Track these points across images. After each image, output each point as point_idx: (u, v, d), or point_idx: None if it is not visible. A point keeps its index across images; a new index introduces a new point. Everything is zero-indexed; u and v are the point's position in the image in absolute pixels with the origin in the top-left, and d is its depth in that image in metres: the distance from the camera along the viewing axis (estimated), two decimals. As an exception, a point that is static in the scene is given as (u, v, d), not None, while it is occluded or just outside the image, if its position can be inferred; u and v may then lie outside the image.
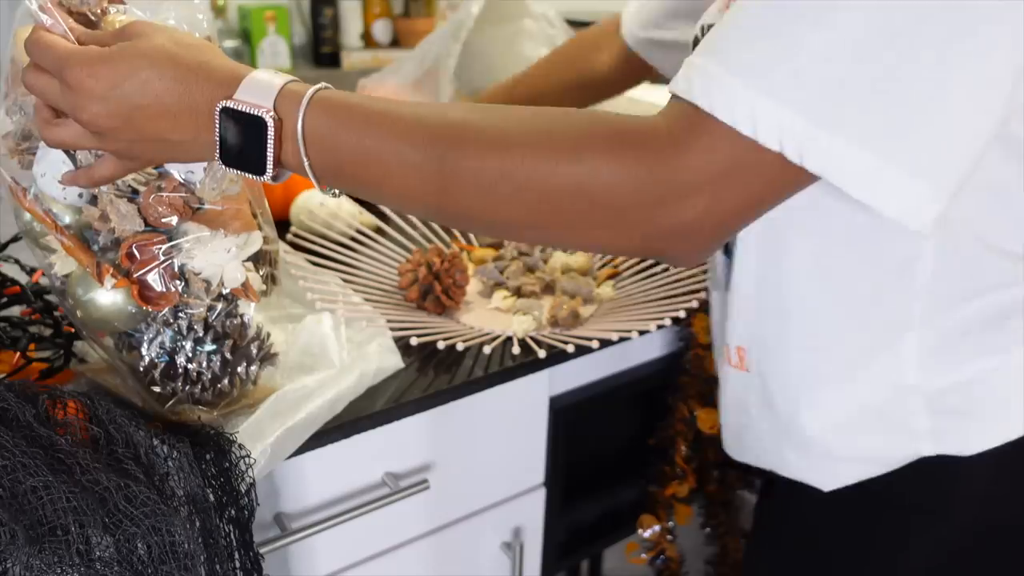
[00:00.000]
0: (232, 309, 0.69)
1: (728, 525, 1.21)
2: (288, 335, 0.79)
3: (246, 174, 0.54)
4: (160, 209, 0.62)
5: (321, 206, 1.07)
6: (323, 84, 0.53)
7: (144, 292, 0.63)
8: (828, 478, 0.68)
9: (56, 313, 0.77)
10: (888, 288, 0.61)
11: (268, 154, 0.52)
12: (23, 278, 0.80)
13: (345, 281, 0.96)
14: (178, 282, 0.64)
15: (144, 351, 0.67)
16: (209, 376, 0.68)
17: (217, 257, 0.64)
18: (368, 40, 1.69)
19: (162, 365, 0.67)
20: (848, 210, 0.56)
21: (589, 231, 0.50)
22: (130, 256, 0.63)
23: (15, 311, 0.78)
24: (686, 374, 1.03)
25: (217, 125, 0.52)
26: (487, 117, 0.51)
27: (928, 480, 0.64)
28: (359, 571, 0.86)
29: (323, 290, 0.92)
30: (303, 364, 0.76)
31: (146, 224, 0.63)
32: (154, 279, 0.63)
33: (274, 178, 0.53)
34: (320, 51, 1.64)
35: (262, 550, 0.67)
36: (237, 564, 0.65)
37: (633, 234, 0.49)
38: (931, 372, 0.61)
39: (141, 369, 0.67)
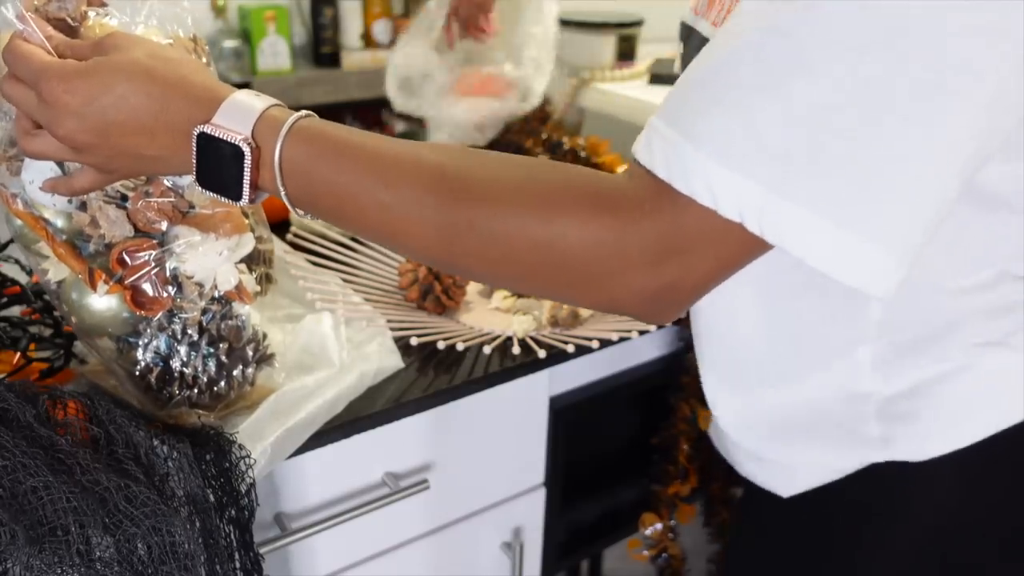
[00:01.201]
0: (227, 311, 0.69)
1: (730, 524, 1.21)
2: (288, 335, 0.79)
3: (222, 198, 0.53)
4: (149, 215, 0.62)
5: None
6: (305, 112, 0.52)
7: (137, 297, 0.63)
8: (785, 484, 0.69)
9: (56, 313, 0.77)
10: (838, 315, 0.61)
11: (244, 181, 0.51)
12: (23, 278, 0.80)
13: (345, 281, 0.96)
14: (171, 287, 0.64)
15: (140, 356, 0.66)
16: (205, 380, 0.68)
17: (209, 260, 0.64)
18: (368, 40, 1.69)
19: (158, 369, 0.67)
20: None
21: (558, 289, 0.50)
22: (121, 262, 0.62)
23: (15, 311, 0.78)
24: (687, 374, 1.03)
25: (195, 149, 0.51)
26: (464, 165, 0.50)
27: (884, 484, 0.64)
28: (359, 571, 0.86)
29: (323, 290, 0.92)
30: (303, 364, 0.76)
31: (136, 230, 0.63)
32: (146, 284, 0.63)
33: (251, 201, 0.53)
34: (320, 51, 1.64)
35: (262, 550, 0.68)
36: (237, 564, 0.65)
37: (604, 295, 0.49)
38: (884, 380, 0.61)
39: (137, 373, 0.67)
